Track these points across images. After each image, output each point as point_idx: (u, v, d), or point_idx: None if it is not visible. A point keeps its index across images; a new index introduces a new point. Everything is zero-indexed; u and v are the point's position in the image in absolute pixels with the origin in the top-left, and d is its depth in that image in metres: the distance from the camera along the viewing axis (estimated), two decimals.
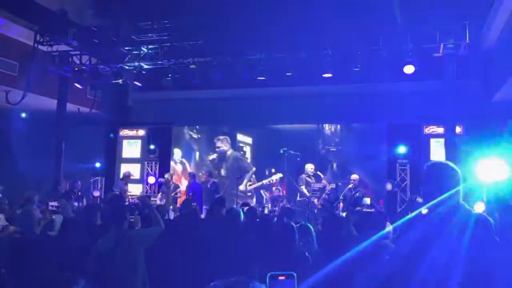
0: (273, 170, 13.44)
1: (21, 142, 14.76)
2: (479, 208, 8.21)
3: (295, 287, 1.50)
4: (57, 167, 11.29)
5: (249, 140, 14.98)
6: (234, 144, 14.62)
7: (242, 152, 14.71)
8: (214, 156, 14.56)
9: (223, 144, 14.50)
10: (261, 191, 13.44)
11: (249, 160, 14.59)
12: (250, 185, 13.71)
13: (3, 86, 10.37)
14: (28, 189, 8.43)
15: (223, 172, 14.18)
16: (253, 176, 14.09)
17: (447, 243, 2.36)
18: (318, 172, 11.89)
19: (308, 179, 11.51)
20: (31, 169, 14.03)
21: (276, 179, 13.06)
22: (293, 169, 12.54)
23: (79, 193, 11.44)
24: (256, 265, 4.88)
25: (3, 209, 6.91)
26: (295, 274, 1.51)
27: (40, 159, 13.39)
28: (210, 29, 10.11)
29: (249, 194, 13.45)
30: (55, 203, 8.06)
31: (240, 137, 14.88)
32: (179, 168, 14.59)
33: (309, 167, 11.66)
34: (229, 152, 14.55)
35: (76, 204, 10.01)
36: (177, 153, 14.77)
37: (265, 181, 13.64)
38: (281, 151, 12.66)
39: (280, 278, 1.52)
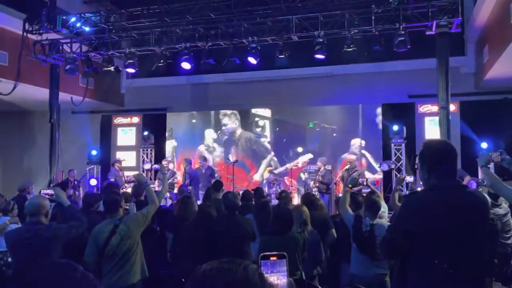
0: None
1: (16, 132, 14.76)
2: None
3: (286, 267, 1.51)
4: (52, 157, 11.23)
5: (267, 112, 13.75)
6: (247, 118, 13.69)
7: (259, 129, 13.45)
8: (215, 136, 13.54)
9: (230, 121, 13.53)
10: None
11: (268, 139, 13.42)
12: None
13: None
14: (23, 180, 8.41)
15: (232, 157, 12.74)
16: (274, 159, 12.82)
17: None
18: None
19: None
20: (27, 160, 14.06)
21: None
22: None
23: (75, 182, 11.45)
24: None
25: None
26: (286, 254, 1.51)
27: (35, 150, 13.41)
28: (200, 13, 10.01)
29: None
30: (49, 191, 8.04)
31: (256, 110, 13.74)
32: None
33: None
34: (239, 131, 13.48)
35: (71, 192, 10.03)
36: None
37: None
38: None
39: (272, 258, 1.52)
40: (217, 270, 1.11)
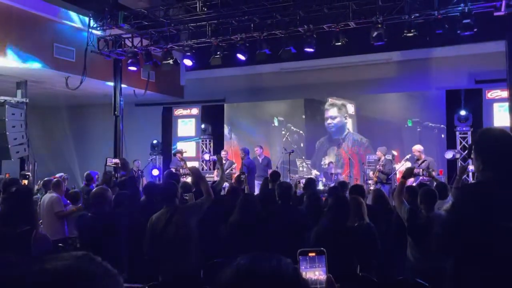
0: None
1: (82, 125, 15.56)
2: None
3: (325, 263, 1.47)
4: (116, 148, 11.75)
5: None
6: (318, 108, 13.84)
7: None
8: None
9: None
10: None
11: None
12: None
13: (63, 72, 10.85)
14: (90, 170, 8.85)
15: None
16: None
17: None
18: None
19: None
20: (92, 151, 14.80)
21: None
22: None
23: (139, 172, 11.93)
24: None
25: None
26: (325, 250, 1.48)
27: (101, 142, 14.07)
28: (256, 3, 10.00)
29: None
30: (115, 160, 8.70)
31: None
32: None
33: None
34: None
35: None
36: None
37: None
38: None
39: (311, 254, 1.49)
40: (250, 263, 1.11)
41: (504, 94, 10.67)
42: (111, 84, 11.89)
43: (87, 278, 0.87)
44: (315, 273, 1.48)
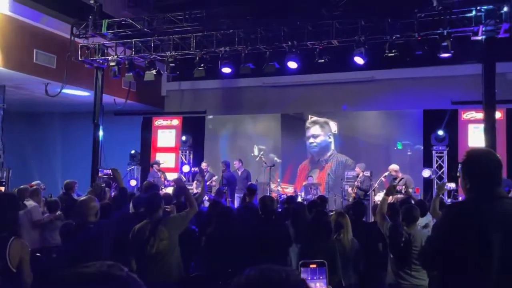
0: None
1: (60, 133, 15.32)
2: None
3: (326, 275, 1.50)
4: (94, 157, 11.59)
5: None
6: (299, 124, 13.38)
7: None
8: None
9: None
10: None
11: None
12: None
13: (43, 79, 10.70)
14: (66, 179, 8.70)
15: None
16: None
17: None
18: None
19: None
20: (70, 159, 14.56)
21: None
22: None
23: (115, 183, 11.76)
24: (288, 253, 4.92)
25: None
26: (326, 262, 1.51)
27: (78, 150, 13.85)
28: (241, 18, 10.11)
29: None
30: (107, 171, 8.62)
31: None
32: None
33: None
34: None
35: (112, 192, 10.30)
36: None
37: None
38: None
39: (312, 266, 1.52)
40: (260, 275, 1.13)
41: (479, 115, 10.99)
42: (91, 92, 11.76)
43: (118, 282, 0.98)
44: (316, 284, 1.51)
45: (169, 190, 9.84)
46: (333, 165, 12.87)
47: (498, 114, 9.74)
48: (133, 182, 12.57)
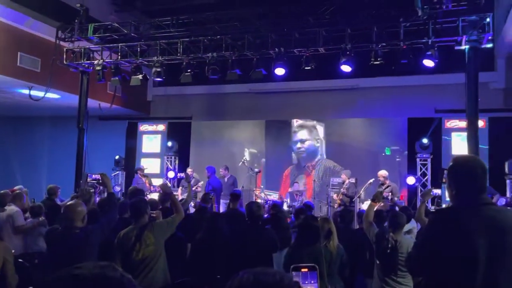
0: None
1: (44, 137, 15.11)
2: None
3: (317, 279, 1.51)
4: (78, 162, 11.45)
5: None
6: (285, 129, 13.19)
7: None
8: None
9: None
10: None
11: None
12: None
13: (26, 82, 10.56)
14: (49, 183, 8.58)
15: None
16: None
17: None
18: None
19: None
20: (54, 164, 14.37)
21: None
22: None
23: (101, 188, 11.63)
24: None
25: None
26: (317, 267, 1.51)
27: (63, 155, 13.68)
28: (228, 24, 10.13)
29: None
30: (96, 176, 8.48)
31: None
32: None
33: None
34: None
35: (97, 198, 10.19)
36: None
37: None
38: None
39: (303, 270, 1.52)
40: (254, 278, 1.13)
41: (462, 124, 11.16)
42: (76, 96, 11.64)
43: (112, 283, 0.99)
44: None
45: (155, 196, 9.77)
46: (321, 171, 12.78)
47: (480, 123, 9.90)
48: (117, 188, 12.46)
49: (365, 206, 9.69)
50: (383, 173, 10.20)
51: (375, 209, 4.84)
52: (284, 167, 13.37)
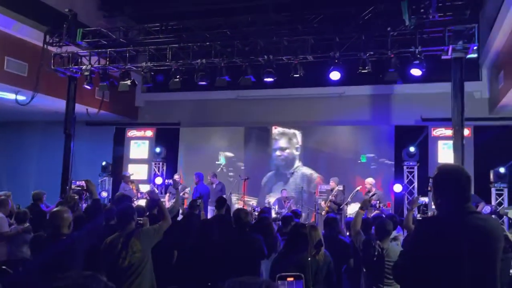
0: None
1: (31, 142, 14.95)
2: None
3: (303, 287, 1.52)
4: (65, 167, 11.34)
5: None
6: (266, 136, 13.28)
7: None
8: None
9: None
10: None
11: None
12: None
13: (13, 87, 10.45)
14: (35, 189, 8.48)
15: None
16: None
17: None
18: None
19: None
20: (40, 169, 14.21)
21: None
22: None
23: (87, 194, 11.52)
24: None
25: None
26: (303, 276, 1.52)
27: (49, 160, 13.54)
28: (217, 30, 10.16)
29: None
30: (80, 182, 8.38)
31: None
32: None
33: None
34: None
35: (83, 203, 10.10)
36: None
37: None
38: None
39: (289, 279, 1.53)
40: (240, 285, 1.14)
41: (448, 132, 11.29)
42: (64, 101, 11.55)
43: None
44: None
45: (142, 202, 9.71)
46: (298, 178, 12.87)
47: (466, 132, 10.03)
48: (104, 194, 12.36)
49: (351, 209, 9.78)
50: (370, 180, 10.28)
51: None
52: (263, 173, 13.43)
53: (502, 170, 10.43)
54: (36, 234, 4.59)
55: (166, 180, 12.54)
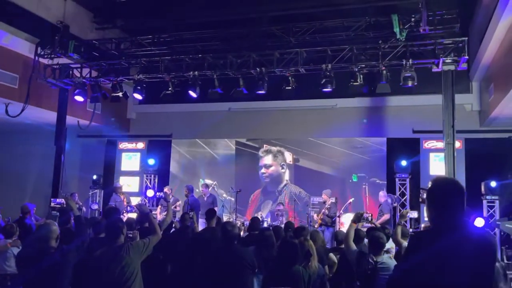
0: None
1: (22, 154, 14.79)
2: None
3: None
4: (55, 180, 11.23)
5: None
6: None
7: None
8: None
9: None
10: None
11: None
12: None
13: (3, 99, 10.36)
14: (26, 201, 8.39)
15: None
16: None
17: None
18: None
19: None
20: (30, 182, 14.04)
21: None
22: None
23: (78, 206, 11.39)
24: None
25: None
26: None
27: (40, 173, 13.39)
28: (210, 43, 10.19)
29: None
30: (60, 200, 8.22)
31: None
32: None
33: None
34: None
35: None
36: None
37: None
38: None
39: None
40: None
41: (440, 144, 11.34)
42: (55, 113, 11.47)
43: None
44: None
45: (133, 215, 9.62)
46: (287, 197, 12.75)
47: (457, 144, 10.08)
48: (95, 206, 12.23)
49: (344, 219, 9.79)
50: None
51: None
52: (253, 190, 13.35)
53: (493, 184, 10.46)
54: (23, 249, 4.51)
55: (158, 193, 12.42)
